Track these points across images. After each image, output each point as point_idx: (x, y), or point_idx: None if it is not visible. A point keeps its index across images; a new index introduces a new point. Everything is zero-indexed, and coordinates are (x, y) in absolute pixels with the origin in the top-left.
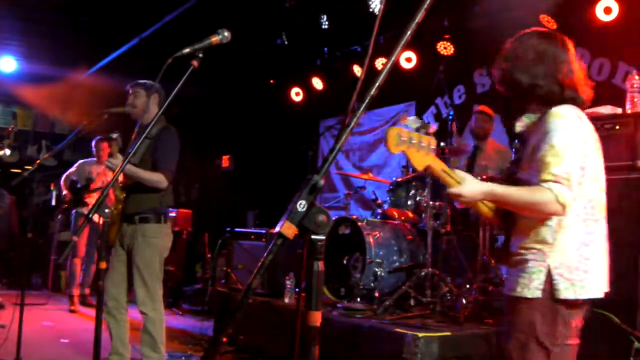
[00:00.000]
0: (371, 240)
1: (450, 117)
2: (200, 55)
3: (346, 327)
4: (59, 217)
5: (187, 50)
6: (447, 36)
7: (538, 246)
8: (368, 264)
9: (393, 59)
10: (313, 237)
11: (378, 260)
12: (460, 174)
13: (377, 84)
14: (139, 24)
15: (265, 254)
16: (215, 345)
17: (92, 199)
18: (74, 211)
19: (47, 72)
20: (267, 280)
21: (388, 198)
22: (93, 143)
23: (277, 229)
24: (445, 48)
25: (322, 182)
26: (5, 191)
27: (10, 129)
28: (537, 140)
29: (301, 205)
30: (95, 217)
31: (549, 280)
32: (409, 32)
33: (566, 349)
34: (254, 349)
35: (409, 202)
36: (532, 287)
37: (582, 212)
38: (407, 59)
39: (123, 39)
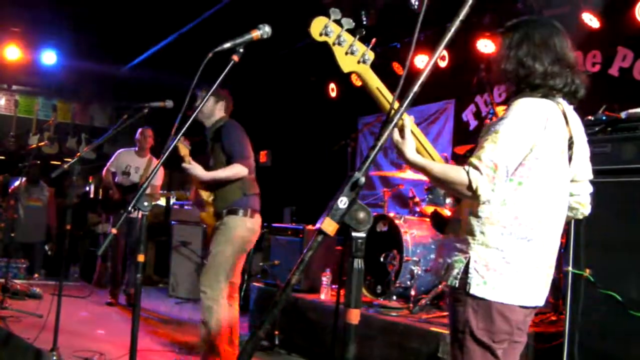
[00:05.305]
0: (408, 238)
1: (491, 115)
2: (241, 50)
3: (382, 325)
4: (102, 215)
5: (227, 45)
6: (487, 34)
7: (466, 236)
8: (405, 262)
9: (437, 56)
10: (353, 234)
11: (415, 258)
12: (407, 119)
13: (420, 82)
14: (178, 19)
15: (305, 250)
16: (254, 342)
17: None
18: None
19: (87, 65)
20: (303, 277)
21: (425, 196)
22: (139, 131)
23: (318, 225)
24: (485, 46)
25: (363, 179)
26: (45, 184)
27: (50, 122)
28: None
29: (342, 202)
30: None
31: (466, 271)
32: (453, 30)
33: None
34: (290, 346)
35: (447, 201)
36: (451, 276)
37: (522, 214)
38: (441, 57)
39: (162, 34)
